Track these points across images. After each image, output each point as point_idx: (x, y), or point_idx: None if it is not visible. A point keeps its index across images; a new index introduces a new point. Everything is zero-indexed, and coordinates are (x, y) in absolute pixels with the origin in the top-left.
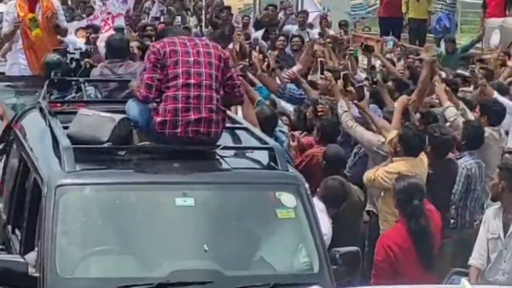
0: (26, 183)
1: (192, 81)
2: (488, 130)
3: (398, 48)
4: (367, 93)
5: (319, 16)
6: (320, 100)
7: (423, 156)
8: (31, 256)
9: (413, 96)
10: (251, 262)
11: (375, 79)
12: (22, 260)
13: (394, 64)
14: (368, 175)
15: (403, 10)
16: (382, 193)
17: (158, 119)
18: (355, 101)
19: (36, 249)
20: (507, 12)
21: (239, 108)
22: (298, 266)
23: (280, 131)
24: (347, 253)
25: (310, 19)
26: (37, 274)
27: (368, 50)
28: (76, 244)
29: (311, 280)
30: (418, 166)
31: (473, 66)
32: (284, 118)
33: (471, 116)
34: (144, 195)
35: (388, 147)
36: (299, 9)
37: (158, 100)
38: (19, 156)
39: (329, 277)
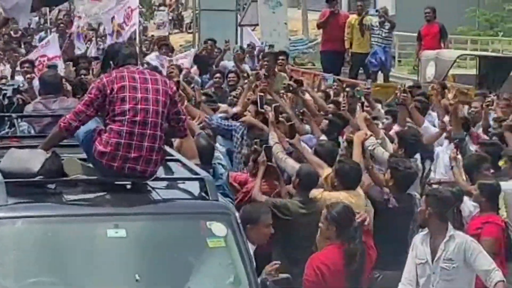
0: None
1: (138, 118)
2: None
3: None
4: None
5: (258, 51)
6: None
7: (359, 189)
8: None
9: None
10: None
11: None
12: None
13: (329, 97)
14: (314, 193)
15: (347, 45)
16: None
17: (99, 148)
18: (287, 139)
19: None
20: (442, 44)
21: None
22: None
23: (219, 163)
24: (278, 280)
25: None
26: None
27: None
28: (9, 276)
29: None
30: (359, 198)
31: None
32: None
33: (390, 146)
34: (76, 227)
35: (324, 183)
36: (239, 44)
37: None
38: None
39: None
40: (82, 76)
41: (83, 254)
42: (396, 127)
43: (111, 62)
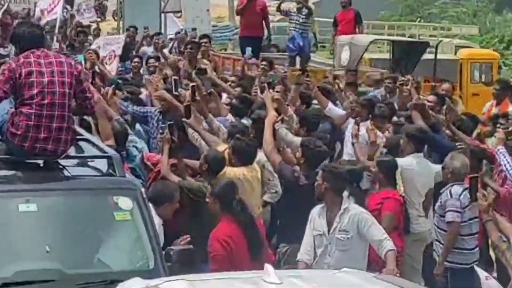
0: None
1: (45, 101)
2: None
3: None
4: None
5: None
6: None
7: (255, 165)
8: None
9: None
10: (91, 262)
11: None
12: None
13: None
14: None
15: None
16: None
17: (11, 129)
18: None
19: None
20: (357, 30)
21: None
22: (134, 263)
23: (134, 146)
24: (181, 251)
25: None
26: None
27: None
28: None
29: (146, 276)
30: (255, 169)
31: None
32: None
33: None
34: None
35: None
36: (162, 29)
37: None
38: None
39: (163, 272)
40: None
41: None
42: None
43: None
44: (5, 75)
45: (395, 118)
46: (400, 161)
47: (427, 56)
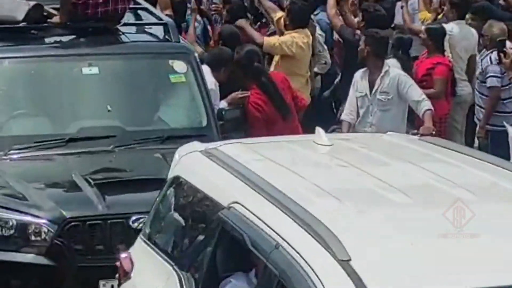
0: None
1: None
2: None
3: None
4: None
5: None
6: None
7: (307, 31)
8: None
9: None
10: (148, 120)
11: None
12: None
13: None
14: (270, 41)
15: None
16: (277, 58)
17: (72, 1)
18: None
19: None
20: None
21: None
22: (188, 122)
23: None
24: (231, 111)
25: None
26: None
27: None
28: None
29: (199, 133)
30: (307, 35)
31: None
32: None
33: None
34: (55, 66)
35: (276, 26)
36: None
37: None
38: None
39: (215, 130)
40: None
41: (62, 89)
42: None
43: None
44: None
45: None
46: (447, 27)
47: None
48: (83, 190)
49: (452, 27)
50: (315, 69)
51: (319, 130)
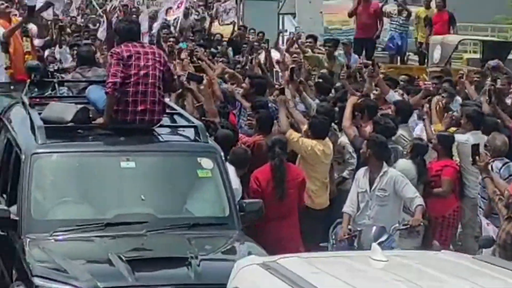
0: (11, 157)
1: (140, 80)
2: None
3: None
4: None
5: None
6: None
7: (328, 140)
8: (14, 207)
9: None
10: (177, 209)
11: None
12: (6, 208)
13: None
14: (291, 135)
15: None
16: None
17: (114, 107)
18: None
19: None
20: (451, 31)
21: None
22: (212, 211)
23: None
24: (252, 203)
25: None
26: (17, 218)
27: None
28: (46, 196)
29: (221, 222)
30: (327, 145)
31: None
32: None
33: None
34: (97, 160)
35: (304, 134)
36: (281, 28)
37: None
38: (6, 138)
39: (236, 220)
40: None
41: (102, 180)
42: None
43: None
44: (113, 58)
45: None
46: (459, 137)
47: None
48: (116, 266)
49: (467, 137)
50: (344, 174)
51: (375, 246)
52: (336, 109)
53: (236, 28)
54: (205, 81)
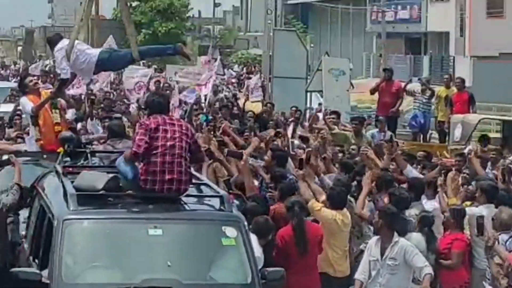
0: (43, 223)
1: (167, 151)
2: None
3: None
4: None
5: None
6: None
7: (346, 210)
8: (45, 271)
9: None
10: (201, 275)
11: None
12: (38, 271)
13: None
14: (313, 204)
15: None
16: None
17: (142, 177)
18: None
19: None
20: (470, 110)
21: None
22: (235, 278)
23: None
24: (274, 271)
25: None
26: (48, 281)
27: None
28: (76, 261)
29: None
30: (346, 215)
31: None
32: None
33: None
34: (126, 226)
35: (323, 205)
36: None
37: (143, 162)
38: (39, 205)
39: (258, 287)
40: None
41: (131, 246)
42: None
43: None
44: (141, 128)
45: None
46: (473, 210)
47: None
48: None
49: (480, 210)
50: (361, 247)
51: None
52: (354, 182)
53: (263, 104)
54: (245, 157)
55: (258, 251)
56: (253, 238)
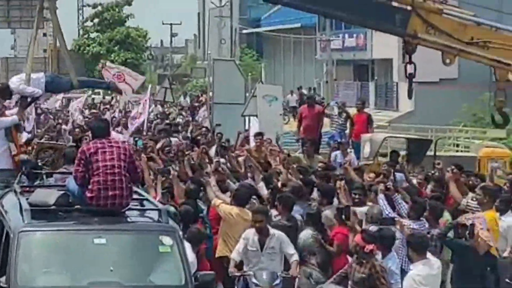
0: (2, 236)
1: (108, 170)
2: None
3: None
4: None
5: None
6: None
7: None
8: (3, 278)
9: None
10: (141, 278)
11: None
12: None
13: None
14: (215, 201)
15: None
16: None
17: (88, 195)
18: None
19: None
20: (368, 130)
21: None
22: (171, 281)
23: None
24: (205, 275)
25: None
26: (5, 286)
27: None
28: (31, 267)
29: None
30: (245, 212)
31: None
32: None
33: None
34: (74, 236)
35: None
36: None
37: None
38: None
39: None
40: None
41: (78, 253)
42: None
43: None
44: (78, 158)
45: None
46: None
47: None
48: None
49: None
50: None
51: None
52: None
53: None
54: (173, 172)
55: (191, 257)
56: (187, 245)
